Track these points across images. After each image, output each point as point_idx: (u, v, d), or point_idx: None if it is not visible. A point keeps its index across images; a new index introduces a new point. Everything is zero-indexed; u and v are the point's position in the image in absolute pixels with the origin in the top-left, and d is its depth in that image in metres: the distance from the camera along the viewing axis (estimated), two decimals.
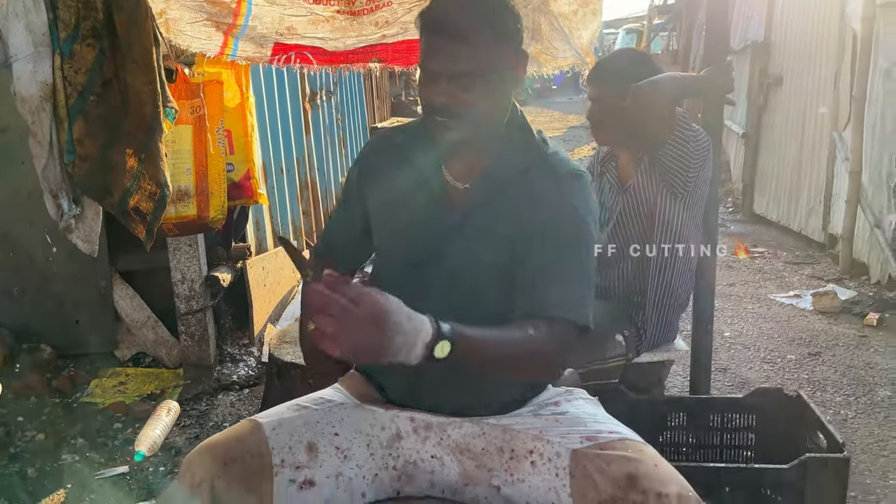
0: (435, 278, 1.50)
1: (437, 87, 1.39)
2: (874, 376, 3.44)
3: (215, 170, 2.92)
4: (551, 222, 1.43)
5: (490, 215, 1.47)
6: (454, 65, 1.37)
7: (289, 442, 1.49)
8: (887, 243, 4.44)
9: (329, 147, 5.76)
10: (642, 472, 1.35)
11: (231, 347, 3.75)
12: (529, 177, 1.47)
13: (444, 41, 1.38)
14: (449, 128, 1.42)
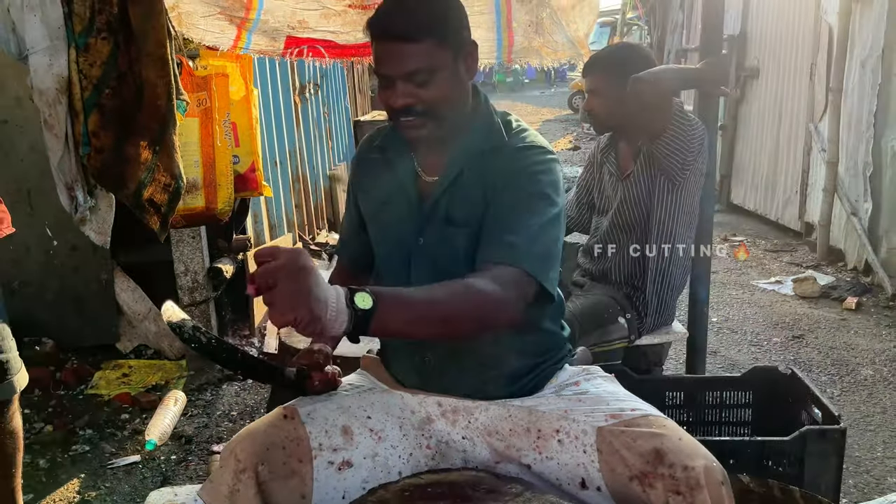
0: (421, 270, 1.55)
1: (394, 90, 1.43)
2: (856, 357, 3.60)
3: (222, 162, 2.96)
4: (506, 184, 1.46)
5: (455, 201, 1.52)
6: (404, 65, 1.41)
7: (324, 426, 1.52)
8: (863, 230, 4.61)
9: (317, 140, 5.80)
10: (668, 447, 1.40)
11: (232, 338, 3.80)
12: (491, 156, 1.50)
13: (391, 44, 1.42)
14: (414, 126, 1.47)
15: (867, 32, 4.54)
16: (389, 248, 1.62)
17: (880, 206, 4.50)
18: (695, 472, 1.38)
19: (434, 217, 1.54)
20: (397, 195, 1.58)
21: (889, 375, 3.37)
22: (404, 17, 1.41)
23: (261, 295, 1.12)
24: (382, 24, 1.43)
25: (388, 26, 1.42)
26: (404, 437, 1.57)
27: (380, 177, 1.62)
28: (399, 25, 1.41)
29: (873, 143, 4.50)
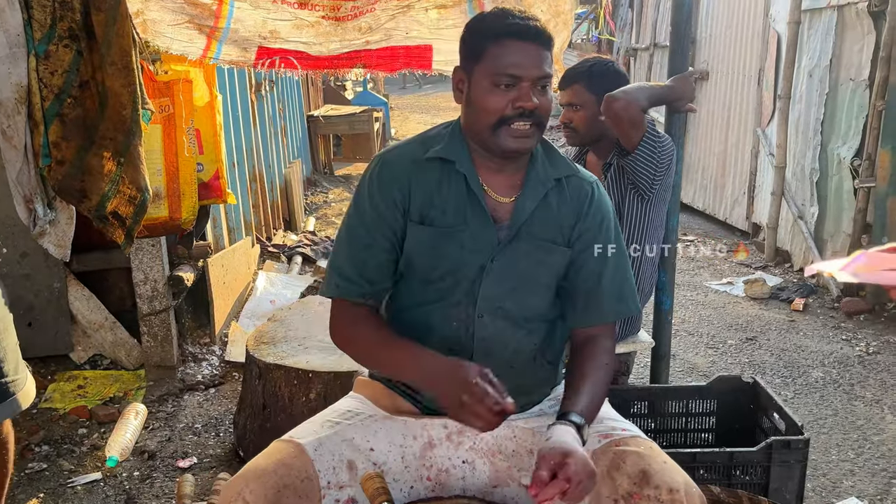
0: (492, 287, 1.56)
1: (525, 92, 1.46)
2: (806, 358, 3.74)
3: (186, 170, 2.88)
4: (594, 230, 1.60)
5: (536, 227, 1.56)
6: (539, 69, 1.47)
7: (332, 462, 1.50)
8: (810, 234, 4.79)
9: (273, 138, 5.70)
10: (655, 469, 1.46)
11: (192, 347, 3.71)
12: (563, 185, 1.59)
13: (528, 45, 1.46)
14: (527, 134, 1.49)
15: (815, 42, 4.70)
16: (454, 265, 1.56)
17: (826, 210, 4.68)
18: (679, 496, 1.44)
19: (514, 237, 1.56)
20: (464, 212, 1.55)
21: (838, 377, 3.52)
22: (537, 23, 1.48)
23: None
24: (520, 24, 1.46)
25: (526, 27, 1.45)
26: (406, 468, 1.57)
27: (440, 191, 1.56)
28: (537, 28, 1.46)
29: (820, 150, 4.67)
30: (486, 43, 1.48)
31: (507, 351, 1.59)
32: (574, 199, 1.59)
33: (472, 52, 1.51)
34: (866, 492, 2.60)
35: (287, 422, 2.72)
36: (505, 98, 1.46)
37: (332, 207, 7.22)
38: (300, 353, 2.77)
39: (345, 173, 9.03)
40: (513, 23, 1.46)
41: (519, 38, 1.46)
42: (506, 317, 1.57)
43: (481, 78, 1.49)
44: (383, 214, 1.56)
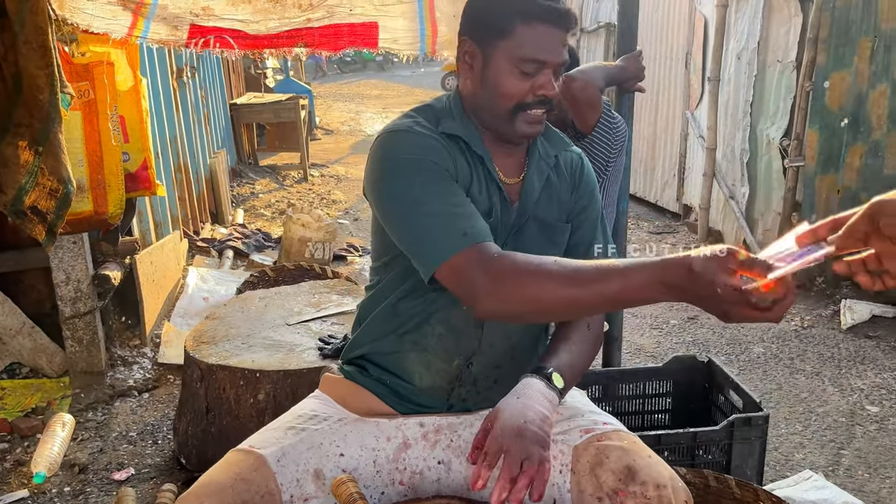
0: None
1: (548, 79, 1.40)
2: (746, 335, 3.83)
3: (111, 160, 2.67)
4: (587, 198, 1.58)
5: (542, 206, 1.52)
6: (562, 55, 1.42)
7: (296, 474, 1.40)
8: (741, 213, 4.91)
9: (196, 126, 5.43)
10: (640, 465, 1.40)
11: (121, 350, 3.48)
12: (560, 162, 1.57)
13: (557, 32, 1.40)
14: (540, 120, 1.45)
15: (743, 26, 4.80)
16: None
17: (756, 190, 4.81)
18: (666, 492, 1.40)
19: (524, 218, 1.51)
20: (482, 192, 1.47)
21: (778, 352, 3.61)
22: (566, 8, 1.41)
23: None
24: (553, 9, 1.39)
25: (558, 12, 1.39)
26: (377, 473, 1.48)
27: (462, 169, 1.45)
28: (567, 15, 1.40)
29: (750, 131, 4.78)
30: (516, 21, 1.38)
31: (511, 340, 1.54)
32: (569, 173, 1.58)
33: (495, 28, 1.40)
34: (818, 463, 2.66)
35: (233, 425, 2.57)
36: (528, 83, 1.40)
37: (259, 199, 6.98)
38: (244, 351, 2.61)
39: (270, 163, 8.76)
40: (546, 5, 1.38)
41: (551, 23, 1.39)
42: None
43: (503, 58, 1.40)
44: (445, 173, 1.39)
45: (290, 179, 8.07)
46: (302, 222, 4.43)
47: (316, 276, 3.88)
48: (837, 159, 4.28)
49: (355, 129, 12.82)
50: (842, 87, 4.17)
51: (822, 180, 4.30)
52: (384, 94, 18.63)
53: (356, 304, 2.94)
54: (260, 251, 4.91)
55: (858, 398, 3.13)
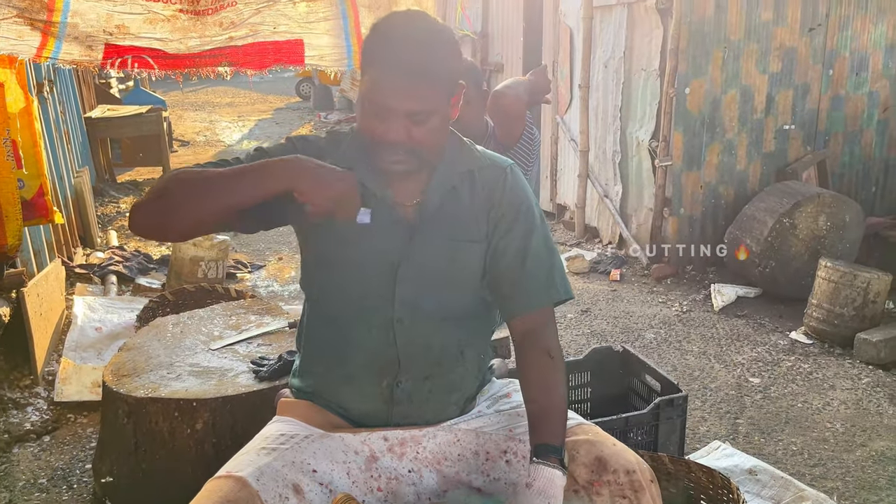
0: (408, 287, 1.52)
1: (393, 124, 1.38)
2: (636, 323, 4.14)
3: (6, 188, 2.47)
4: (511, 216, 1.53)
5: (443, 223, 1.52)
6: (415, 103, 1.37)
7: (277, 489, 1.42)
8: (616, 210, 5.28)
9: (59, 145, 5.05)
10: (608, 454, 1.51)
11: (11, 392, 3.19)
12: (474, 176, 1.55)
13: (406, 79, 1.35)
14: (399, 162, 1.42)
15: (609, 36, 5.17)
16: (364, 270, 1.52)
17: (629, 188, 5.19)
18: (636, 476, 1.52)
19: (424, 237, 1.51)
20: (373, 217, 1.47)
21: (667, 336, 3.94)
22: (423, 55, 1.36)
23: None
24: (399, 55, 1.35)
25: (405, 60, 1.35)
26: (353, 483, 1.52)
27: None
28: (417, 62, 1.35)
29: (620, 134, 5.16)
30: (372, 65, 1.39)
31: (433, 352, 1.57)
32: (486, 188, 1.54)
33: (363, 63, 1.42)
34: (720, 433, 2.95)
35: (168, 459, 2.46)
36: (377, 124, 1.39)
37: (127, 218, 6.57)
38: (173, 381, 2.51)
39: (129, 179, 8.27)
40: (390, 53, 1.36)
41: (394, 69, 1.36)
42: (426, 317, 1.54)
43: (363, 92, 1.41)
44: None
45: None
46: (193, 241, 4.26)
47: (219, 297, 3.76)
48: (699, 158, 4.73)
49: (212, 140, 12.35)
50: (700, 93, 4.61)
51: (688, 177, 4.73)
52: (236, 102, 18.05)
53: (276, 323, 2.92)
54: (144, 274, 4.66)
55: (741, 372, 3.50)
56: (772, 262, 4.32)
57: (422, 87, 1.37)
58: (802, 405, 3.17)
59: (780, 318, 4.12)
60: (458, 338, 1.59)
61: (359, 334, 1.54)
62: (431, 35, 1.40)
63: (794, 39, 4.73)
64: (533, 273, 1.54)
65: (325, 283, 1.57)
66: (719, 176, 4.80)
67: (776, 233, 4.29)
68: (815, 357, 3.63)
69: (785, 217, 4.30)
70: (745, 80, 4.70)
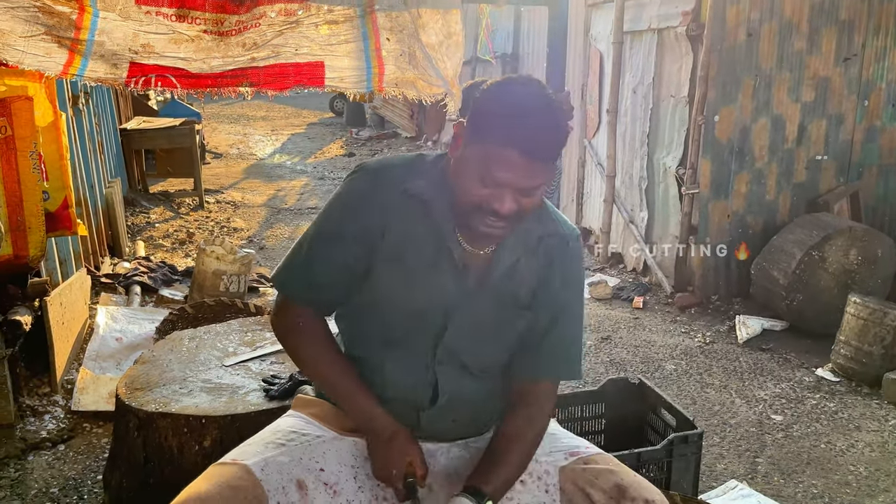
0: (460, 334, 1.52)
1: (505, 198, 1.36)
2: (657, 353, 4.07)
3: (32, 200, 2.52)
4: (558, 288, 1.56)
5: (512, 281, 1.53)
6: (529, 181, 1.36)
7: (280, 481, 1.45)
8: (641, 236, 5.22)
9: (93, 156, 5.15)
10: (628, 483, 1.52)
11: (30, 399, 3.24)
12: (544, 243, 1.55)
13: (525, 161, 1.34)
14: (499, 228, 1.41)
15: (638, 61, 5.14)
16: (422, 307, 1.52)
17: (654, 215, 5.13)
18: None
19: (483, 291, 1.52)
20: (437, 256, 1.49)
21: (688, 368, 3.86)
22: (553, 144, 1.36)
23: None
24: (527, 143, 1.32)
25: (532, 147, 1.32)
26: (359, 489, 1.53)
27: (416, 229, 1.48)
28: (540, 145, 1.34)
29: (647, 160, 5.11)
30: (489, 135, 1.35)
31: (465, 396, 1.58)
32: (544, 257, 1.56)
33: (478, 129, 1.37)
34: (738, 472, 2.87)
35: (176, 475, 2.46)
36: (486, 191, 1.37)
37: (157, 229, 6.68)
38: (184, 397, 2.52)
39: (161, 190, 8.40)
40: (518, 139, 1.32)
41: (518, 152, 1.33)
42: (463, 366, 1.56)
43: (472, 158, 1.38)
44: (349, 235, 1.50)
45: (185, 207, 7.78)
46: (216, 255, 4.30)
47: (238, 312, 3.78)
48: (727, 186, 4.66)
49: (245, 153, 12.52)
50: (729, 121, 4.55)
51: (715, 206, 4.66)
52: (270, 116, 18.30)
53: None
54: (168, 285, 4.71)
55: (763, 408, 3.41)
56: (799, 296, 4.22)
57: (541, 166, 1.37)
58: (825, 446, 3.08)
59: (806, 354, 4.02)
60: (490, 388, 1.61)
61: (394, 374, 1.55)
62: (551, 112, 1.35)
63: (829, 69, 4.65)
64: (553, 347, 1.57)
65: (382, 311, 1.55)
66: (747, 205, 4.72)
67: (805, 265, 4.20)
68: (842, 396, 3.53)
69: (814, 250, 4.21)
70: (776, 109, 4.63)
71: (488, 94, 1.38)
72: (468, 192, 1.39)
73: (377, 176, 1.51)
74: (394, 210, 1.48)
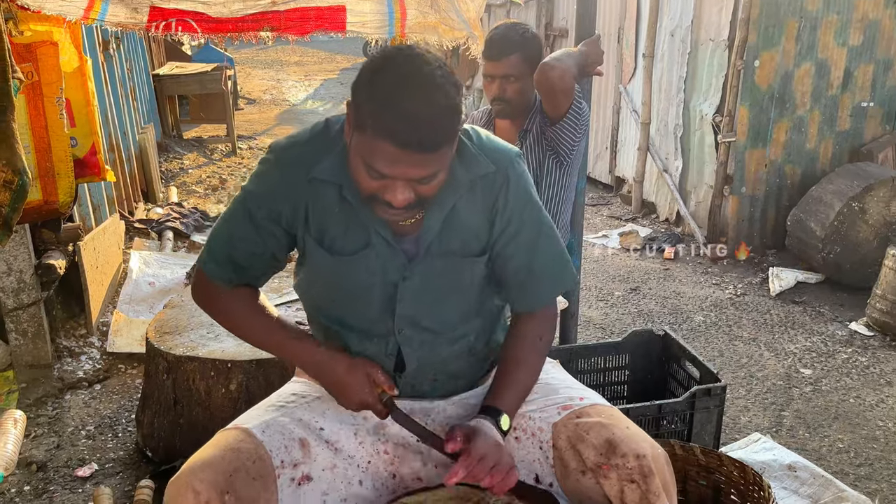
0: (408, 303, 1.49)
1: (394, 189, 1.28)
2: (686, 304, 4.02)
3: (59, 146, 2.54)
4: (516, 221, 1.48)
5: (445, 241, 1.46)
6: (416, 172, 1.27)
7: (283, 441, 1.47)
8: (674, 185, 5.11)
9: (124, 101, 5.19)
10: (619, 437, 1.47)
11: (67, 341, 3.35)
12: (479, 185, 1.45)
13: (407, 154, 1.23)
14: (400, 216, 1.36)
15: (676, 3, 4.94)
16: (363, 289, 1.48)
17: (689, 163, 5.01)
18: (647, 461, 1.47)
19: (424, 254, 1.46)
20: (365, 234, 1.44)
21: (717, 320, 3.81)
22: (432, 131, 1.23)
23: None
24: (401, 134, 1.21)
25: (411, 139, 1.21)
26: (360, 444, 1.54)
27: (335, 212, 1.43)
28: (427, 140, 1.22)
29: (683, 107, 4.96)
30: (365, 126, 1.24)
31: (439, 357, 1.56)
32: (487, 196, 1.46)
33: (353, 115, 1.29)
34: (762, 425, 2.85)
35: (204, 416, 2.54)
36: (377, 185, 1.29)
37: (190, 175, 6.75)
38: (211, 341, 2.57)
39: (195, 136, 8.46)
40: (397, 132, 1.21)
41: (399, 146, 1.22)
42: (426, 329, 1.52)
43: (355, 148, 1.29)
44: (262, 222, 1.45)
45: (218, 153, 7.84)
46: None
47: None
48: (765, 134, 4.51)
49: (278, 99, 12.51)
50: (770, 66, 4.38)
51: (752, 154, 4.53)
52: (304, 61, 18.16)
53: None
54: (200, 231, 4.78)
55: (792, 362, 3.36)
56: (836, 248, 4.11)
57: (433, 156, 1.25)
58: (854, 400, 3.03)
59: (840, 307, 3.93)
60: (467, 341, 1.57)
61: (356, 346, 1.54)
62: (427, 95, 1.23)
63: (879, 11, 4.42)
64: (542, 274, 1.54)
65: (324, 290, 1.54)
66: (786, 154, 4.57)
67: (843, 217, 4.08)
68: (874, 350, 3.46)
69: (854, 201, 4.07)
70: (821, 54, 4.43)
71: (360, 77, 1.28)
72: (360, 183, 1.32)
73: (283, 162, 1.44)
74: (308, 195, 1.43)
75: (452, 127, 1.27)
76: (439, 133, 1.24)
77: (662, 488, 1.47)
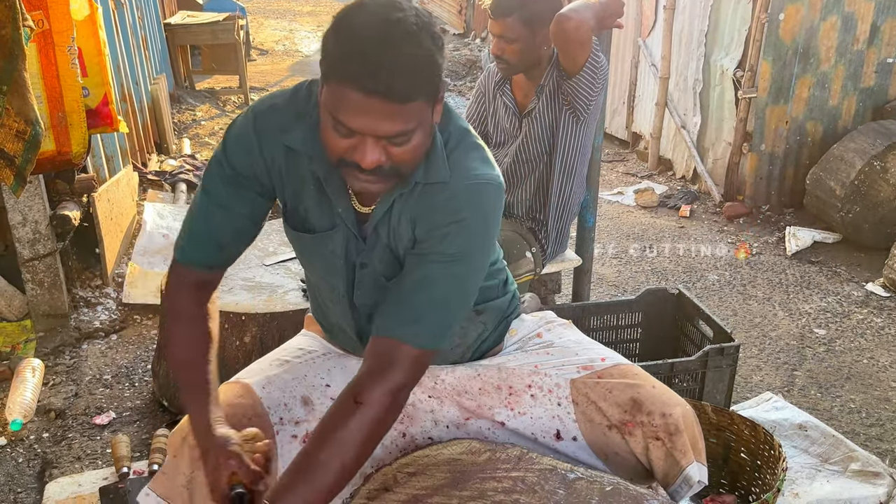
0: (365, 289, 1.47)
1: (367, 150, 1.18)
2: (700, 263, 4.00)
3: (71, 96, 2.52)
4: (436, 239, 1.34)
5: (389, 232, 1.40)
6: (387, 127, 1.17)
7: (282, 399, 1.48)
8: (692, 142, 5.03)
9: (136, 51, 5.13)
10: (645, 396, 1.49)
11: (83, 291, 3.38)
12: (419, 190, 1.35)
13: (374, 101, 1.14)
14: (371, 183, 1.25)
15: None
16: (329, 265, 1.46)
17: (707, 120, 4.92)
18: (673, 419, 1.48)
19: (375, 244, 1.41)
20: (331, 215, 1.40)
21: (731, 279, 3.79)
22: (400, 77, 1.13)
23: None
24: (366, 78, 1.12)
25: (378, 86, 1.12)
26: None
27: (307, 188, 1.38)
28: (395, 85, 1.13)
29: (703, 61, 4.85)
30: (330, 74, 1.17)
31: None
32: (419, 205, 1.35)
33: (324, 67, 1.20)
34: (774, 384, 2.85)
35: (218, 368, 2.56)
36: (345, 144, 1.20)
37: (203, 126, 6.71)
38: (225, 294, 2.58)
39: (207, 87, 8.38)
40: (359, 74, 1.12)
41: (364, 92, 1.13)
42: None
43: (323, 103, 1.21)
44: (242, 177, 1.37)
45: (231, 105, 7.77)
46: None
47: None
48: (787, 90, 4.41)
49: (291, 50, 12.33)
50: (796, 19, 4.25)
51: (773, 111, 4.43)
52: (317, 11, 17.87)
53: None
54: None
55: (806, 321, 3.34)
56: (856, 207, 4.05)
57: (402, 108, 1.15)
58: (868, 361, 3.02)
59: (857, 268, 3.89)
60: None
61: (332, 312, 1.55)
62: (409, 38, 1.14)
63: None
64: (412, 303, 1.33)
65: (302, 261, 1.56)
66: (808, 111, 4.48)
67: (864, 176, 4.00)
68: (890, 311, 3.43)
69: (876, 160, 4.00)
70: (847, 7, 4.29)
71: (332, 26, 1.19)
72: (328, 144, 1.23)
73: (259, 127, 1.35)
74: (283, 164, 1.37)
75: (425, 79, 1.17)
76: (408, 82, 1.14)
77: (690, 446, 1.48)
